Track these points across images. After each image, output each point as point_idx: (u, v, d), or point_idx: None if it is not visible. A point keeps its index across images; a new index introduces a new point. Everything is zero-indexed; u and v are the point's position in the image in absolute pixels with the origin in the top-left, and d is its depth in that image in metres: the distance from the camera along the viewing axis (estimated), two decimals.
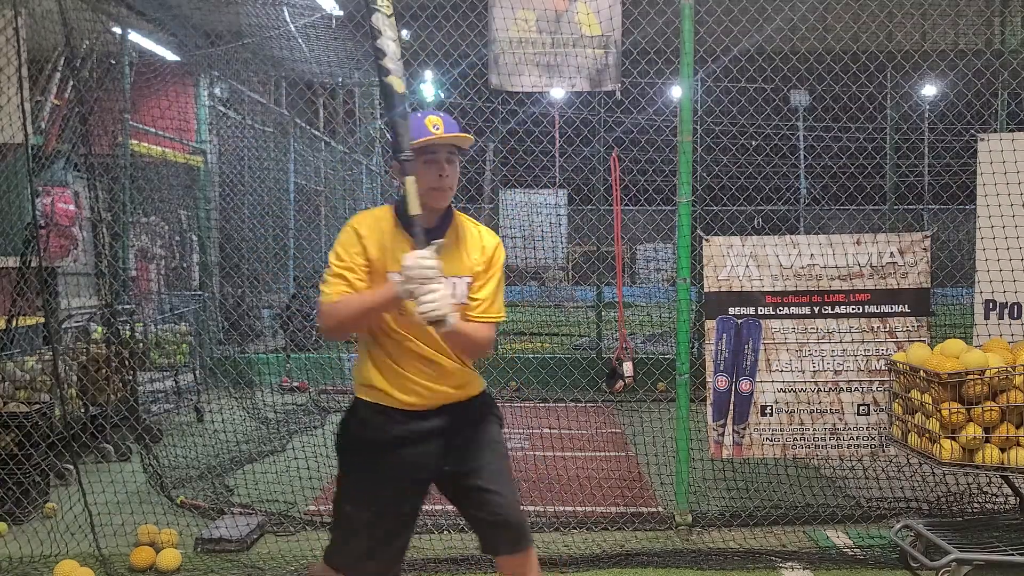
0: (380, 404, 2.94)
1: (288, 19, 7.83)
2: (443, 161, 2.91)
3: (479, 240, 3.00)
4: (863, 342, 5.07)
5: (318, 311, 2.89)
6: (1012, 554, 4.24)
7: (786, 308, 5.08)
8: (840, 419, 5.09)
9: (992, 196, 5.03)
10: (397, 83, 2.96)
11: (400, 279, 2.63)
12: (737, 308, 5.08)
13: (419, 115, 2.94)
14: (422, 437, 2.95)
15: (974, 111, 9.85)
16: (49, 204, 7.11)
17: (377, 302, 2.77)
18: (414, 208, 2.74)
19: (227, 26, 8.62)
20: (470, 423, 3.04)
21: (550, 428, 7.24)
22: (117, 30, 7.85)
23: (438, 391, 2.94)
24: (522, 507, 3.12)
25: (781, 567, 4.55)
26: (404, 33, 7.67)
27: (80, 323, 6.99)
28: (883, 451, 5.11)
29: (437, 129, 2.89)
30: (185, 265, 10.53)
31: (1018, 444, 4.10)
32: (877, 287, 5.05)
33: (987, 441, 4.12)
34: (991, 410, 4.11)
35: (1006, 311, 5.03)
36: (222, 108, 9.95)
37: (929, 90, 13.39)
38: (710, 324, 5.10)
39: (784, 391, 5.10)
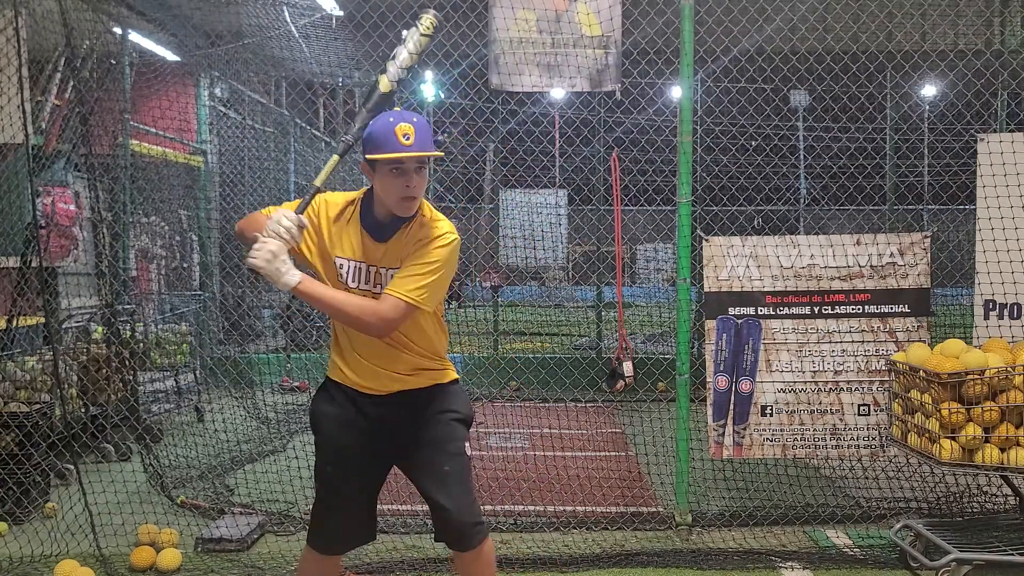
0: (335, 380, 3.11)
1: (288, 19, 7.83)
2: (411, 172, 2.88)
3: (418, 235, 2.97)
4: (863, 342, 5.07)
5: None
6: (1012, 554, 4.24)
7: (786, 308, 5.09)
8: (840, 419, 5.09)
9: (992, 196, 5.02)
10: (384, 83, 3.04)
11: (268, 218, 2.82)
12: (737, 308, 5.09)
13: (390, 119, 2.89)
14: (370, 419, 3.06)
15: (974, 111, 9.85)
16: (49, 204, 7.11)
17: (257, 231, 2.87)
18: (319, 181, 2.92)
19: (227, 26, 8.62)
20: (422, 418, 3.07)
21: (550, 428, 7.24)
22: (117, 30, 7.85)
23: (384, 374, 3.02)
24: (471, 507, 3.07)
25: (781, 567, 4.56)
26: (404, 33, 7.66)
27: (80, 323, 6.99)
28: (883, 451, 5.11)
29: (408, 139, 2.85)
30: (185, 265, 10.53)
31: (1018, 444, 4.10)
32: (877, 287, 5.05)
33: (987, 441, 4.12)
34: (991, 410, 4.11)
35: (1006, 311, 5.03)
36: (222, 108, 9.95)
37: (929, 90, 13.39)
38: (710, 324, 5.10)
39: (784, 391, 5.10)
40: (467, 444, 3.14)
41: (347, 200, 3.07)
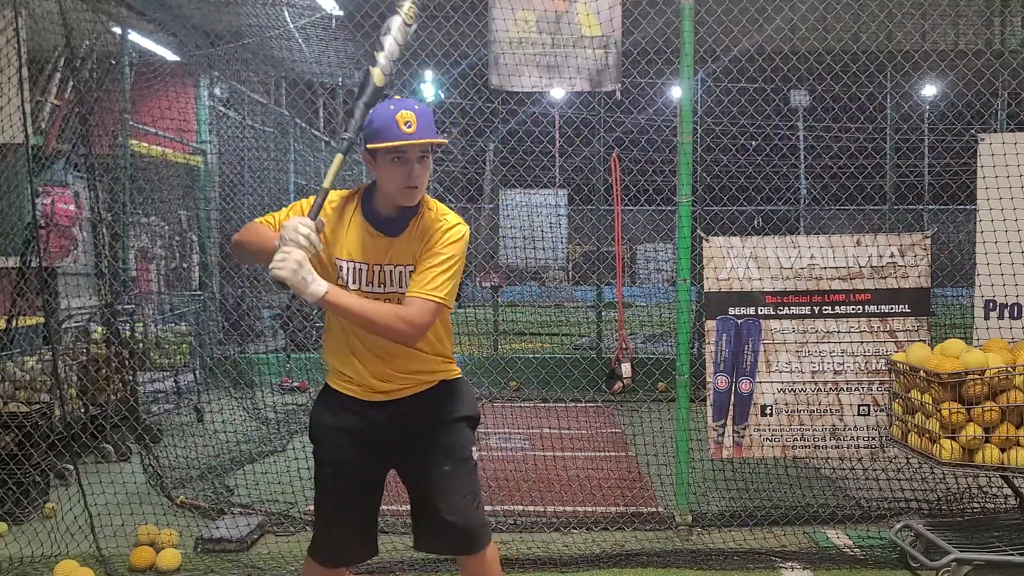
0: (334, 389, 3.03)
1: (288, 19, 7.83)
2: (414, 161, 2.79)
3: (428, 230, 2.89)
4: (863, 342, 5.07)
5: None
6: (1012, 554, 4.24)
7: (786, 308, 5.09)
8: (840, 419, 5.09)
9: (992, 196, 5.03)
10: (378, 76, 2.98)
11: (282, 228, 2.72)
12: (737, 308, 5.09)
13: (391, 107, 2.81)
14: (372, 428, 2.98)
15: (974, 111, 9.84)
16: (49, 204, 7.11)
17: (264, 241, 2.83)
18: (327, 183, 2.82)
19: (227, 26, 8.61)
20: (426, 423, 2.98)
21: (550, 428, 7.24)
22: (117, 30, 7.84)
23: (387, 379, 2.94)
24: (479, 510, 3.01)
25: (781, 567, 4.55)
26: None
27: (80, 323, 6.99)
28: (883, 451, 5.11)
29: (409, 127, 2.75)
30: (185, 265, 10.53)
31: (1018, 444, 4.10)
32: (877, 287, 5.05)
33: (987, 441, 4.12)
34: (991, 410, 4.11)
35: (1006, 311, 5.03)
36: (222, 108, 9.94)
37: (929, 90, 13.38)
38: (710, 324, 5.10)
39: (784, 391, 5.10)
40: (474, 449, 3.05)
41: (342, 198, 2.97)
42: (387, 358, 2.93)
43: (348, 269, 2.90)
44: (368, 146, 2.81)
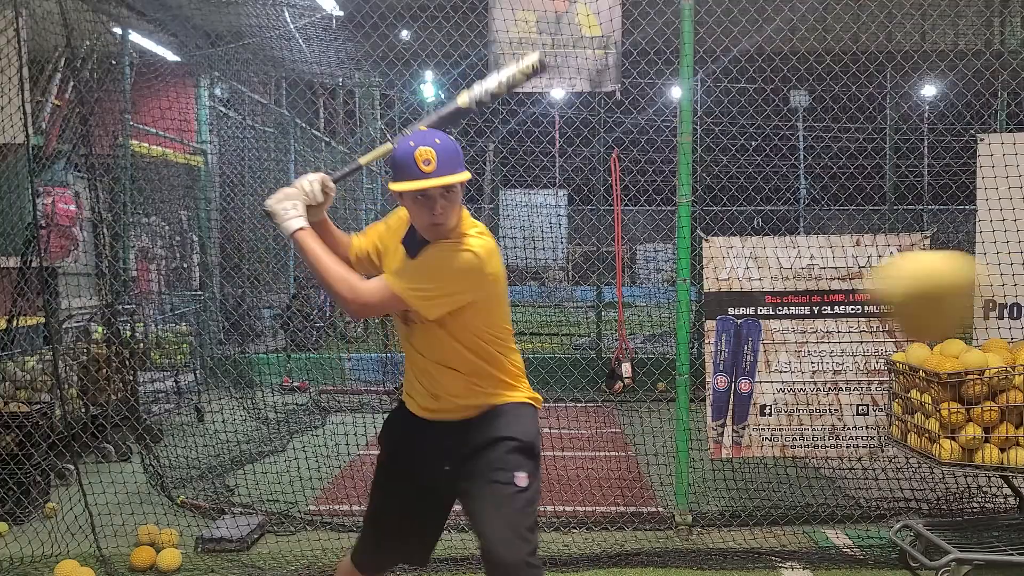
0: (401, 400, 3.05)
1: (288, 19, 7.83)
2: (436, 197, 2.68)
3: (440, 243, 2.78)
4: (862, 342, 5.07)
5: None
6: (1012, 554, 4.24)
7: (786, 308, 5.09)
8: (839, 419, 5.10)
9: (992, 196, 5.03)
10: (463, 98, 2.99)
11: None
12: (737, 308, 5.09)
13: (411, 143, 2.69)
14: (424, 446, 2.93)
15: (974, 111, 9.85)
16: (50, 204, 7.11)
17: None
18: (364, 159, 2.98)
19: (227, 26, 8.62)
20: (473, 445, 2.84)
21: (550, 428, 7.23)
22: (118, 30, 7.85)
23: (433, 394, 2.89)
24: (514, 543, 2.72)
25: (781, 567, 4.56)
26: (404, 33, 7.67)
27: (80, 323, 6.99)
28: (882, 451, 5.11)
29: (428, 165, 2.64)
30: (186, 265, 10.53)
31: (1017, 444, 4.10)
32: None
33: (987, 441, 4.13)
34: (991, 410, 4.11)
35: (1006, 311, 5.03)
36: (222, 108, 9.95)
37: (929, 90, 13.39)
38: (710, 324, 5.11)
39: (784, 391, 5.10)
40: (523, 475, 2.78)
41: (401, 218, 2.94)
42: (429, 374, 2.88)
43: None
44: (390, 185, 2.75)
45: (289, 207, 2.77)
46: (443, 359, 2.84)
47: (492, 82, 3.04)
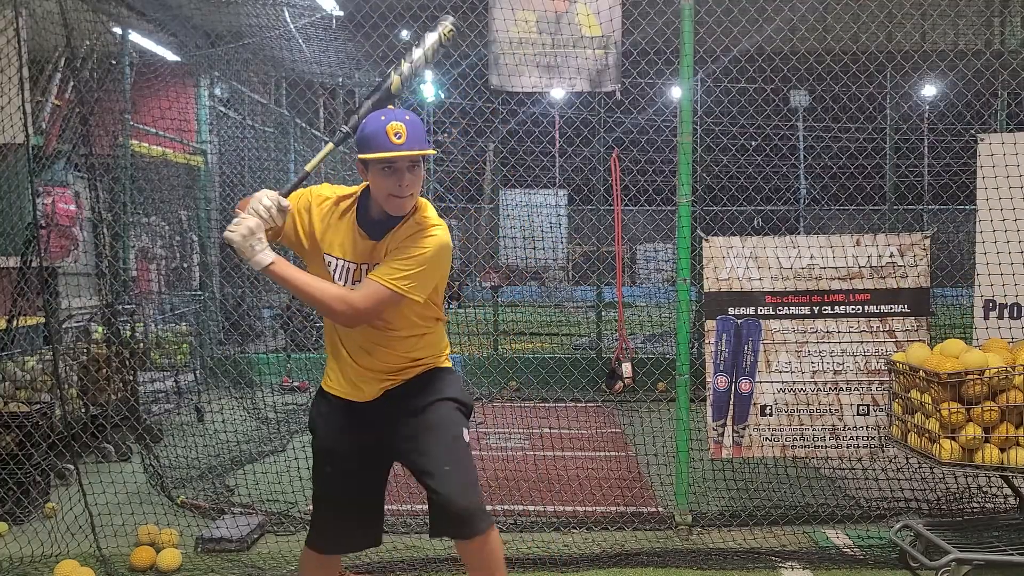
0: (325, 389, 3.13)
1: (288, 19, 7.83)
2: (403, 171, 2.83)
3: (406, 232, 2.92)
4: (863, 342, 5.07)
5: None
6: (1012, 554, 4.24)
7: (786, 308, 5.09)
8: (840, 419, 5.09)
9: (992, 196, 5.03)
10: (396, 82, 3.03)
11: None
12: (737, 308, 5.09)
13: (382, 117, 2.85)
14: (362, 421, 3.05)
15: (974, 111, 9.85)
16: (50, 204, 7.12)
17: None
18: (310, 167, 2.97)
19: (227, 26, 8.62)
20: (415, 407, 3.02)
21: (550, 428, 7.24)
22: (117, 30, 7.85)
23: (372, 375, 3.01)
24: (471, 492, 2.96)
25: (781, 567, 4.56)
26: (404, 33, 7.67)
27: (81, 323, 6.99)
28: (883, 451, 5.11)
29: (399, 138, 2.79)
30: (186, 265, 10.53)
31: (1017, 444, 4.10)
32: (877, 287, 5.05)
33: (987, 441, 4.13)
34: (991, 410, 4.11)
35: (1006, 311, 5.03)
36: (222, 108, 9.95)
37: (929, 90, 13.39)
38: (710, 324, 5.10)
39: (784, 391, 5.10)
40: (466, 430, 3.05)
41: (340, 195, 3.03)
42: (372, 353, 3.01)
43: (337, 266, 2.98)
44: (359, 155, 2.87)
45: (255, 243, 2.76)
46: (399, 327, 2.99)
47: (419, 59, 3.12)
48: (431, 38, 3.16)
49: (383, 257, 2.94)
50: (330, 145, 2.99)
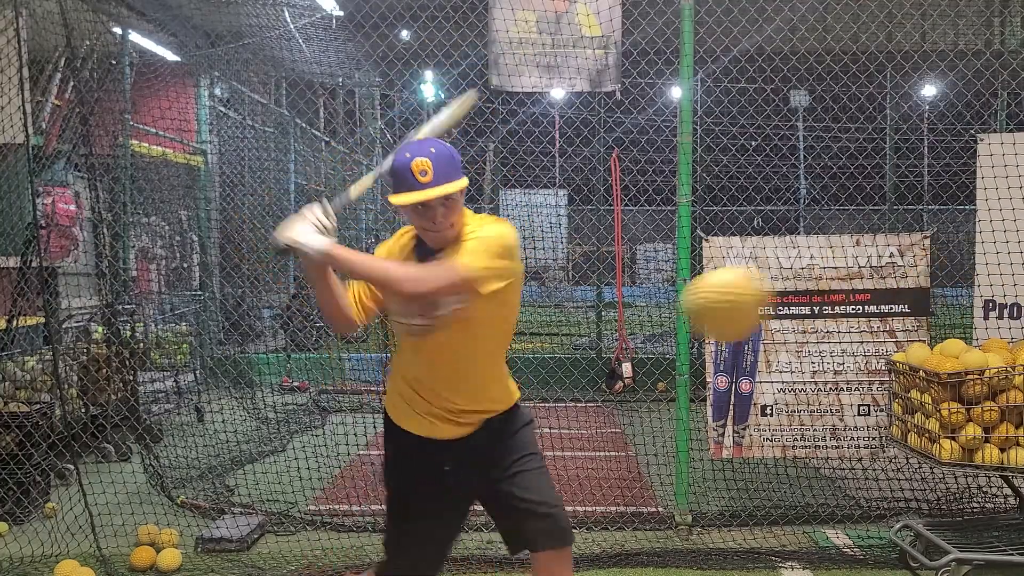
0: (402, 428, 2.93)
1: (288, 19, 7.83)
2: (436, 207, 2.69)
3: (465, 238, 2.78)
4: (863, 342, 5.07)
5: None
6: (1012, 554, 4.24)
7: (786, 308, 5.09)
8: (840, 419, 5.09)
9: (992, 196, 5.03)
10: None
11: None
12: None
13: (407, 154, 2.69)
14: (450, 464, 2.89)
15: (974, 111, 9.86)
16: (50, 204, 7.11)
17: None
18: (353, 192, 2.83)
19: (227, 26, 8.62)
20: (508, 432, 2.94)
21: (550, 428, 7.23)
22: (117, 30, 7.85)
23: (469, 395, 2.88)
24: (562, 504, 2.94)
25: (781, 567, 4.56)
26: (404, 33, 7.67)
27: (80, 323, 6.99)
28: (883, 451, 5.11)
29: (425, 176, 2.65)
30: (186, 265, 10.54)
31: (1017, 444, 4.10)
32: (877, 287, 5.05)
33: (987, 441, 4.13)
34: (991, 410, 4.11)
35: (1006, 311, 5.03)
36: (222, 108, 9.95)
37: (929, 90, 13.40)
38: None
39: (784, 391, 5.10)
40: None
41: (402, 233, 2.94)
42: (461, 384, 2.86)
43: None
44: (390, 198, 2.75)
45: (308, 228, 2.59)
46: (477, 352, 2.87)
47: (437, 124, 3.07)
48: (450, 111, 3.08)
49: None
50: (372, 176, 2.87)
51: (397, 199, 2.69)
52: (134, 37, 8.44)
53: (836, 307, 5.08)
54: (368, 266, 2.68)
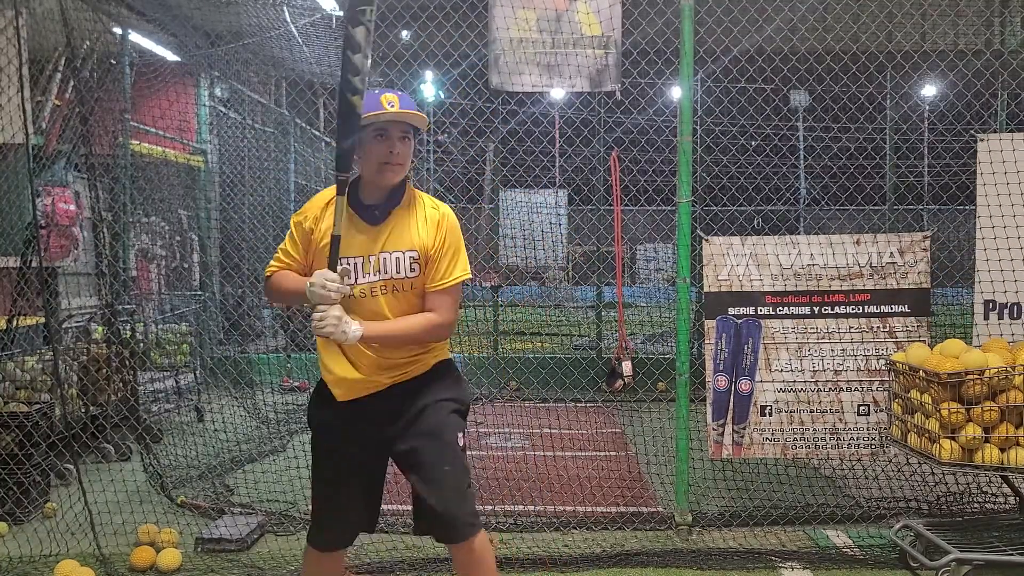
0: (324, 384, 3.17)
1: (288, 19, 7.83)
2: (395, 138, 2.93)
3: (430, 217, 3.02)
4: (863, 342, 5.07)
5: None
6: (1012, 554, 4.24)
7: (786, 308, 5.09)
8: (840, 419, 5.09)
9: (992, 196, 5.02)
10: (358, 103, 2.88)
11: (309, 286, 2.84)
12: (737, 308, 5.09)
13: (376, 92, 2.95)
14: (364, 418, 3.06)
15: (974, 111, 9.85)
16: (50, 204, 7.11)
17: (295, 290, 3.01)
18: (337, 229, 2.87)
19: (227, 26, 8.62)
20: (415, 408, 3.04)
21: (550, 428, 7.24)
22: (117, 30, 7.85)
23: (375, 370, 3.03)
24: (465, 499, 3.02)
25: (781, 567, 4.56)
26: (404, 33, 7.67)
27: (80, 323, 6.99)
28: (883, 451, 5.11)
29: (392, 106, 2.90)
30: (186, 265, 10.53)
31: (1017, 444, 4.10)
32: (877, 287, 5.05)
33: (987, 441, 4.13)
34: (991, 410, 4.11)
35: (1006, 311, 5.03)
36: (222, 108, 9.95)
37: (929, 90, 13.40)
38: (710, 324, 5.10)
39: (784, 391, 5.10)
40: (460, 434, 3.08)
41: (328, 198, 3.04)
42: (377, 362, 3.03)
43: (351, 264, 2.98)
44: (361, 120, 2.89)
45: (345, 328, 2.83)
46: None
47: (362, 64, 2.90)
48: (360, 33, 2.86)
49: (399, 243, 2.97)
50: (343, 200, 2.90)
51: (364, 119, 2.87)
52: (134, 37, 8.44)
53: (836, 307, 5.08)
54: (398, 337, 2.97)
